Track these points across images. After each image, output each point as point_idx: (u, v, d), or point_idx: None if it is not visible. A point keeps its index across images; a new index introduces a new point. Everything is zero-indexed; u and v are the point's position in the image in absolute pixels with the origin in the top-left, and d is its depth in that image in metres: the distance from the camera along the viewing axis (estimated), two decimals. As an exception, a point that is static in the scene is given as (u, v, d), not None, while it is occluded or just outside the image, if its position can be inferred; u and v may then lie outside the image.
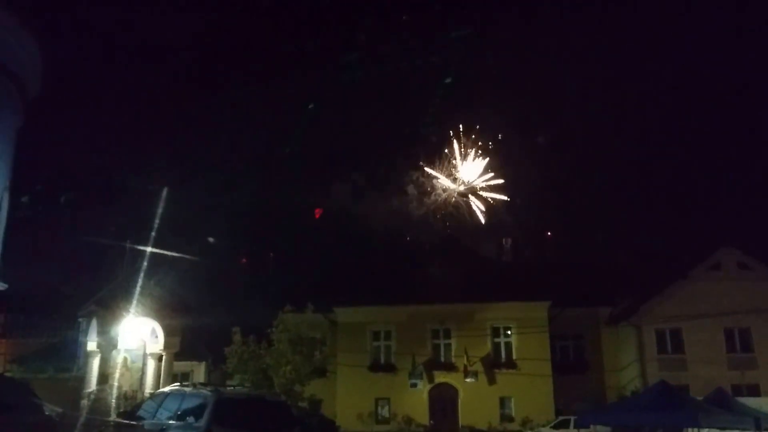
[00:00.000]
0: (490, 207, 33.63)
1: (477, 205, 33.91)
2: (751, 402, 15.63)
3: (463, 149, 35.55)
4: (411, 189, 35.48)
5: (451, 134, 34.74)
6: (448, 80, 30.54)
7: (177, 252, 18.45)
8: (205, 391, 10.22)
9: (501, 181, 33.48)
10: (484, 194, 33.94)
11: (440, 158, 37.65)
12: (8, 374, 18.03)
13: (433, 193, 35.16)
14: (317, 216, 37.34)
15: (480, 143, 35.09)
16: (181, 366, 22.87)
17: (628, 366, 26.84)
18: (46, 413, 11.14)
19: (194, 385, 11.58)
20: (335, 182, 37.07)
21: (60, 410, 11.59)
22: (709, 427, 14.35)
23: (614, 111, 46.24)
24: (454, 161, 35.94)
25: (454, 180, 35.54)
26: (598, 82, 46.94)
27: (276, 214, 35.19)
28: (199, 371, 25.04)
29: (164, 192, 16.74)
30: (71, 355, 20.70)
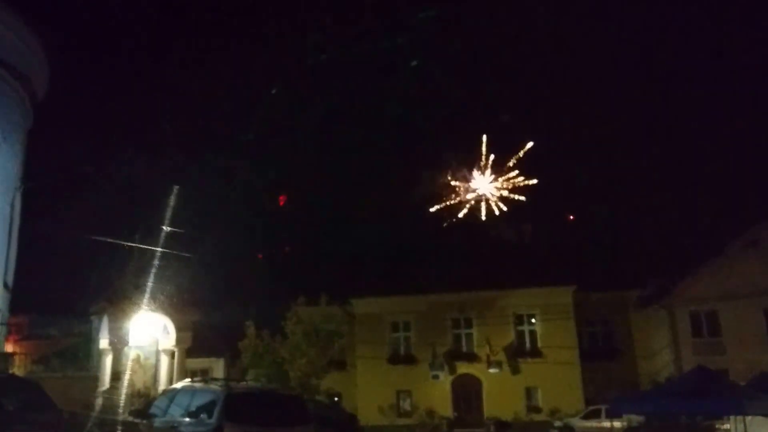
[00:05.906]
0: (512, 188, 32.48)
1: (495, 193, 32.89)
2: (798, 386, 14.44)
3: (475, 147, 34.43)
4: (426, 176, 34.59)
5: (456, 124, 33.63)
6: (414, 63, 29.48)
7: (187, 246, 18.08)
8: (215, 387, 9.92)
9: (529, 184, 31.99)
10: (504, 178, 32.86)
11: (455, 148, 36.66)
12: (18, 373, 17.90)
13: (445, 180, 34.20)
14: (281, 203, 36.29)
15: (489, 127, 33.93)
16: (201, 363, 22.77)
17: (660, 351, 25.73)
18: (53, 413, 10.79)
19: (205, 381, 11.19)
20: (346, 173, 36.36)
21: (67, 411, 11.23)
22: (755, 414, 13.33)
23: (642, 83, 44.48)
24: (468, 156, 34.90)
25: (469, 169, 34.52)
26: (621, 58, 45.18)
27: (291, 206, 34.75)
28: (218, 367, 24.89)
29: (175, 189, 16.37)
30: (87, 353, 20.64)
